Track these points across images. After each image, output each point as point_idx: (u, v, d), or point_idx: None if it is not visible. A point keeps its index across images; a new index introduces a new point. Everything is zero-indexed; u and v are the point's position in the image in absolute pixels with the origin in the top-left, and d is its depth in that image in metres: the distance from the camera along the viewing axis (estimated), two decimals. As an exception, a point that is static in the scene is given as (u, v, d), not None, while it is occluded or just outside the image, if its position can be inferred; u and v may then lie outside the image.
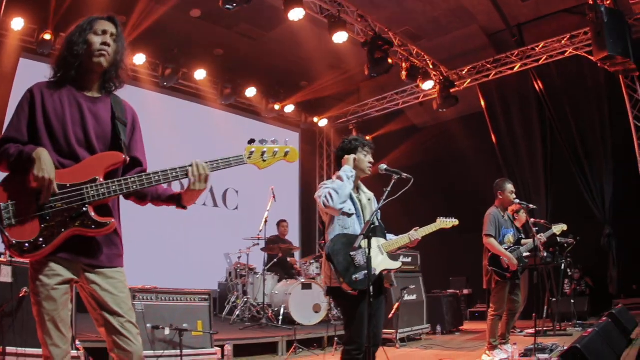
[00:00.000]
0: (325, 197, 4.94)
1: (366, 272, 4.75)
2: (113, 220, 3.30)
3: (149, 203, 3.74)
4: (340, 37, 11.96)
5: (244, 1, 10.32)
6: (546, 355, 7.55)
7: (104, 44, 3.48)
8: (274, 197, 12.13)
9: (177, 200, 3.67)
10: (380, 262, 5.02)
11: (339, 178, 5.07)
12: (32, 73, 11.94)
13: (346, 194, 5.00)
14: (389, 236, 5.34)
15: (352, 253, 4.87)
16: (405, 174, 4.90)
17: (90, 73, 3.54)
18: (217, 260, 14.24)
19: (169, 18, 12.56)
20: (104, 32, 3.52)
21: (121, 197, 3.59)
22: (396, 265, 5.24)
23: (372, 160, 5.35)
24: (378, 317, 4.96)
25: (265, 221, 11.94)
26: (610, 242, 13.03)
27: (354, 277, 4.79)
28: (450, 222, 5.89)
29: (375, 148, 5.46)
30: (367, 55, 12.69)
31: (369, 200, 5.39)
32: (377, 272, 4.92)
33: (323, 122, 18.73)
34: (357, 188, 5.36)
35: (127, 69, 3.72)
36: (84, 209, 3.22)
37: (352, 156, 5.25)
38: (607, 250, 13.01)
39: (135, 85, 14.02)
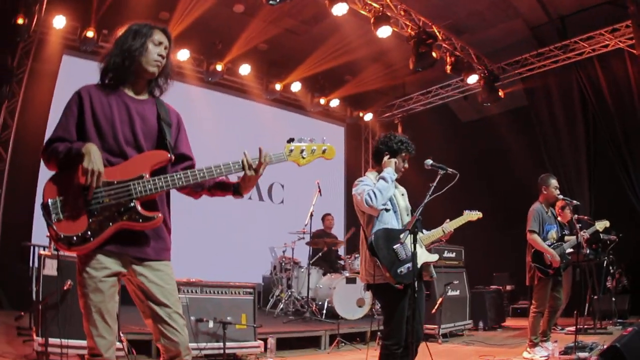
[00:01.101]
0: (369, 195, 4.99)
1: (409, 265, 4.80)
2: (160, 214, 3.39)
3: (204, 194, 3.86)
4: (384, 32, 11.91)
5: (287, -3, 10.37)
6: (586, 354, 7.49)
7: (161, 55, 3.62)
8: (319, 191, 12.17)
9: (234, 189, 3.79)
10: (420, 256, 5.03)
11: (383, 179, 5.09)
12: (75, 70, 12.17)
13: (389, 195, 5.06)
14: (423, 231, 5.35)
15: (394, 247, 4.90)
16: (451, 169, 4.93)
17: (140, 78, 3.66)
18: (262, 254, 14.36)
19: (211, 14, 12.62)
20: (160, 43, 3.65)
21: (174, 192, 3.71)
22: (434, 258, 5.28)
23: (407, 166, 5.41)
24: (419, 311, 4.96)
25: (311, 215, 12.00)
26: (653, 240, 12.83)
27: (398, 270, 4.84)
28: (475, 215, 5.90)
29: (420, 142, 5.49)
30: (411, 49, 12.65)
31: (403, 195, 5.44)
32: (419, 266, 4.92)
33: (368, 117, 18.62)
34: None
35: (172, 76, 3.82)
36: (132, 204, 3.31)
37: (394, 160, 5.28)
38: (649, 248, 12.80)
39: (179, 81, 14.05)
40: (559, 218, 8.87)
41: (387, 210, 5.12)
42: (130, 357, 6.86)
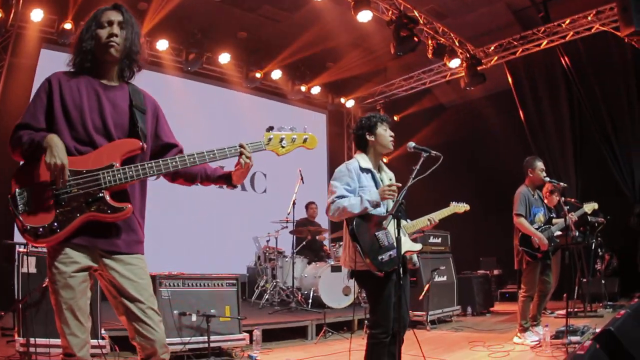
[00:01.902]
0: (333, 211, 4.87)
1: (391, 253, 4.72)
2: (129, 205, 3.28)
3: (197, 184, 3.80)
4: (364, 16, 11.80)
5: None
6: (578, 337, 7.45)
7: (111, 35, 3.46)
8: (302, 179, 12.09)
9: (227, 179, 3.73)
10: (403, 244, 4.88)
11: (364, 207, 4.80)
12: (54, 63, 11.94)
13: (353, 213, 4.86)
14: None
15: (376, 233, 4.80)
16: (435, 152, 4.80)
17: (104, 63, 3.53)
18: (246, 245, 14.25)
19: (190, 2, 12.51)
20: (110, 23, 3.50)
21: (164, 182, 3.70)
22: (417, 247, 5.18)
23: (392, 134, 5.24)
24: (404, 299, 4.85)
25: (294, 203, 11.92)
26: (640, 221, 12.83)
27: (379, 257, 4.72)
28: (462, 207, 5.79)
29: (403, 127, 5.41)
30: (392, 33, 12.54)
31: (390, 180, 5.29)
32: (401, 254, 4.78)
33: (350, 103, 18.54)
34: (378, 168, 5.25)
35: (144, 53, 3.68)
36: (100, 194, 3.21)
37: (377, 191, 4.96)
38: (637, 230, 12.79)
39: (158, 71, 14.04)
40: (545, 201, 8.80)
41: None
42: (114, 354, 6.76)
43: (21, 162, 3.32)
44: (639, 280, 12.27)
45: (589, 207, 8.63)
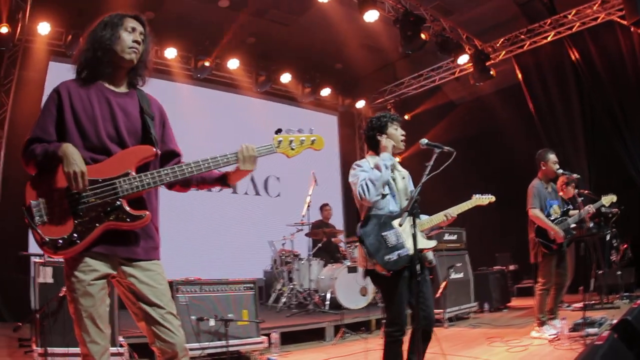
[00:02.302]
0: (362, 187, 4.87)
1: (400, 251, 4.78)
2: (148, 212, 3.29)
3: (193, 188, 3.79)
4: (371, 16, 11.82)
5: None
6: (595, 329, 7.41)
7: (136, 41, 3.50)
8: (315, 181, 12.07)
9: (223, 180, 3.72)
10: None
11: (377, 167, 4.96)
12: (63, 76, 12.02)
13: (381, 185, 4.92)
14: (422, 216, 5.23)
15: (383, 233, 4.84)
16: (447, 147, 4.81)
17: (118, 69, 3.54)
18: (262, 249, 14.18)
19: (197, 10, 12.61)
20: (134, 30, 3.53)
21: (162, 190, 3.63)
22: (432, 244, 5.11)
23: (403, 132, 5.28)
24: (424, 296, 4.87)
25: (308, 206, 11.93)
26: (654, 211, 12.75)
27: (385, 257, 4.76)
28: (486, 199, 5.69)
29: (414, 126, 5.42)
30: (399, 32, 12.55)
31: (404, 178, 5.30)
32: (412, 252, 4.78)
33: (360, 104, 18.51)
34: (392, 167, 5.23)
35: (151, 65, 3.71)
36: (118, 202, 3.22)
37: (390, 142, 5.16)
38: (651, 219, 12.72)
39: (168, 80, 14.09)
40: (561, 193, 8.78)
41: (383, 195, 5.01)
42: (132, 361, 6.80)
43: (33, 174, 3.31)
44: (654, 270, 12.23)
45: (607, 199, 8.51)
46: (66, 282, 3.25)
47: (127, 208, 3.22)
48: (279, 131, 3.61)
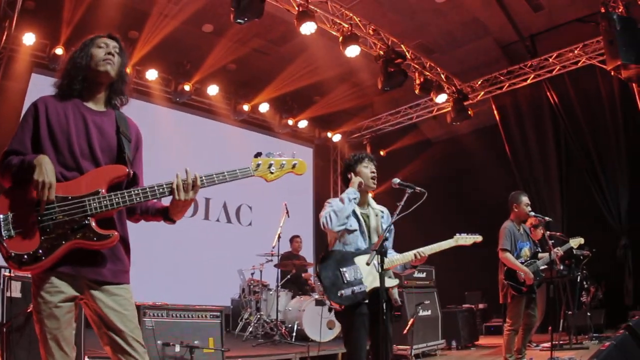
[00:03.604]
0: (325, 217, 5.00)
1: (355, 288, 4.84)
2: (116, 233, 3.25)
3: (138, 218, 3.70)
4: (352, 51, 11.87)
5: (255, 15, 10.26)
6: (563, 369, 7.44)
7: (109, 53, 3.50)
8: (287, 212, 12.04)
9: (164, 214, 3.62)
10: (372, 280, 4.94)
11: (341, 200, 5.05)
12: (44, 88, 11.96)
13: (345, 216, 4.99)
14: (393, 253, 5.26)
15: (342, 269, 4.90)
16: (419, 188, 4.84)
17: (95, 85, 3.54)
18: (231, 277, 14.17)
19: (180, 33, 12.63)
20: (106, 45, 3.54)
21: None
22: (393, 282, 5.15)
23: (374, 170, 5.34)
24: (382, 334, 4.88)
25: (279, 237, 11.85)
26: (626, 253, 12.84)
27: (339, 292, 4.82)
28: (471, 239, 5.65)
29: (390, 162, 5.46)
30: (380, 68, 12.63)
31: (377, 215, 5.34)
32: (367, 290, 4.86)
33: (337, 137, 18.61)
34: (366, 204, 5.33)
35: (130, 83, 3.71)
36: (86, 221, 3.17)
37: (358, 178, 5.23)
38: (623, 261, 12.83)
39: (147, 101, 14.09)
40: (532, 236, 8.82)
41: (350, 231, 5.06)
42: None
43: (7, 187, 3.28)
44: (625, 312, 12.26)
45: (575, 242, 8.62)
46: (33, 301, 3.20)
47: (95, 227, 3.18)
48: (258, 155, 3.58)
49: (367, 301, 4.80)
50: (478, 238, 5.71)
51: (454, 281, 14.37)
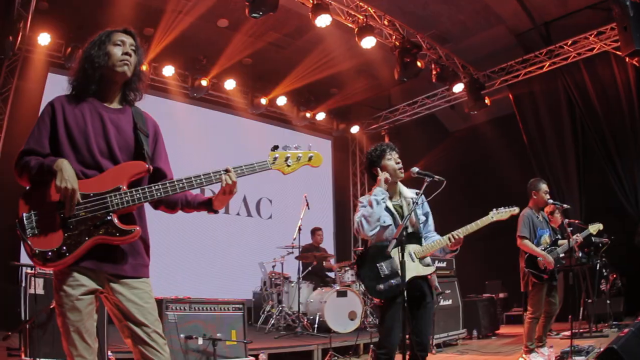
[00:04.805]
0: (358, 224, 5.04)
1: (392, 281, 4.84)
2: (137, 227, 3.29)
3: (179, 210, 3.77)
4: (368, 42, 11.84)
5: (270, 9, 10.27)
6: (582, 358, 7.44)
7: (126, 53, 3.52)
8: (307, 205, 12.08)
9: (209, 206, 3.70)
10: (412, 269, 4.93)
11: (370, 204, 5.04)
12: (61, 88, 12.04)
13: (376, 220, 4.98)
14: (435, 237, 5.25)
15: (378, 264, 4.95)
16: (438, 177, 4.83)
17: (111, 84, 3.57)
18: (252, 270, 14.22)
19: (196, 29, 12.64)
20: (123, 42, 3.55)
21: (149, 208, 3.62)
22: (428, 270, 5.12)
23: (399, 160, 5.31)
24: (420, 324, 4.95)
25: (299, 229, 11.92)
26: (644, 240, 12.78)
27: (377, 287, 4.88)
28: (507, 212, 5.52)
29: (408, 153, 5.41)
30: (396, 59, 12.61)
31: (409, 205, 5.25)
32: (407, 279, 4.79)
33: (355, 129, 18.55)
34: (398, 193, 5.32)
35: (146, 79, 3.73)
36: (108, 217, 3.22)
37: (384, 174, 5.20)
38: (641, 248, 12.75)
39: (164, 97, 14.13)
40: (550, 223, 8.80)
41: (385, 227, 5.05)
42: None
43: (27, 187, 3.33)
44: (644, 299, 12.24)
45: (594, 228, 8.60)
46: (55, 295, 3.24)
47: (117, 222, 3.23)
48: (275, 148, 3.61)
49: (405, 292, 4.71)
50: (515, 210, 5.58)
51: (474, 271, 14.35)
